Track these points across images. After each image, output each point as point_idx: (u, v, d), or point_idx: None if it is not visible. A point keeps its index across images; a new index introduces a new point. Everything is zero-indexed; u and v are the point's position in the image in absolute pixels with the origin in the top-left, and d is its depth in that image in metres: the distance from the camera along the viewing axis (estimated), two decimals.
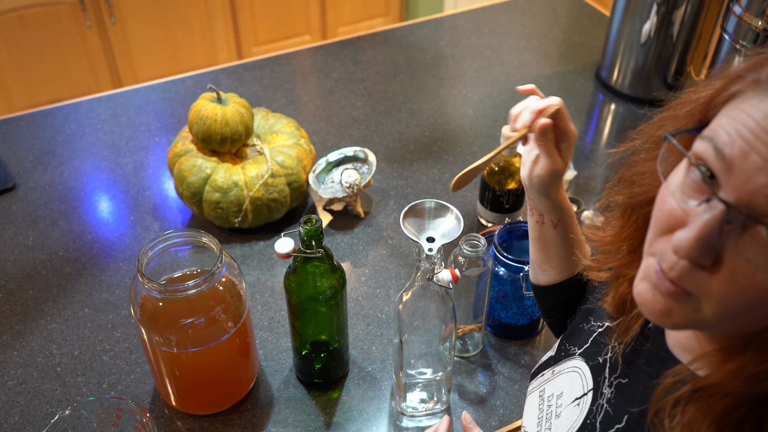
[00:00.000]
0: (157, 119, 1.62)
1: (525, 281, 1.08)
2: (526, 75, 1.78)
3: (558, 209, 0.87)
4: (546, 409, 0.81)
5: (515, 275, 1.10)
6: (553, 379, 0.83)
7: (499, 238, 1.12)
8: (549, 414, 0.80)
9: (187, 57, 2.92)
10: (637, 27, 1.59)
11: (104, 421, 0.93)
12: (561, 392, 0.80)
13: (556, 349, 0.87)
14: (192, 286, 0.92)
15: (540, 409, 0.83)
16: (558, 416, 0.78)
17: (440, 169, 1.49)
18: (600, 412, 0.72)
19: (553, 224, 0.88)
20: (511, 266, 1.09)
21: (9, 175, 1.45)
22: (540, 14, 2.01)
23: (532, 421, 0.83)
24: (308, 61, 1.83)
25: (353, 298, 1.23)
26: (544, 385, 0.84)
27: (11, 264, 1.28)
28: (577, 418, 0.75)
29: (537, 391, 0.85)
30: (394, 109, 1.66)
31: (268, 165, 1.29)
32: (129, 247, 1.32)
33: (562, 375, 0.81)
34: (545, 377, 0.85)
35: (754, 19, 1.33)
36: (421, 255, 0.89)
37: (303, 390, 1.10)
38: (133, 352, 1.14)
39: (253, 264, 1.29)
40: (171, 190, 1.43)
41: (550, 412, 0.80)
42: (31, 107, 2.36)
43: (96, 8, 2.63)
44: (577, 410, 0.76)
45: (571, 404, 0.77)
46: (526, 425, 0.84)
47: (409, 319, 0.95)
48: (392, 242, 1.33)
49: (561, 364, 0.83)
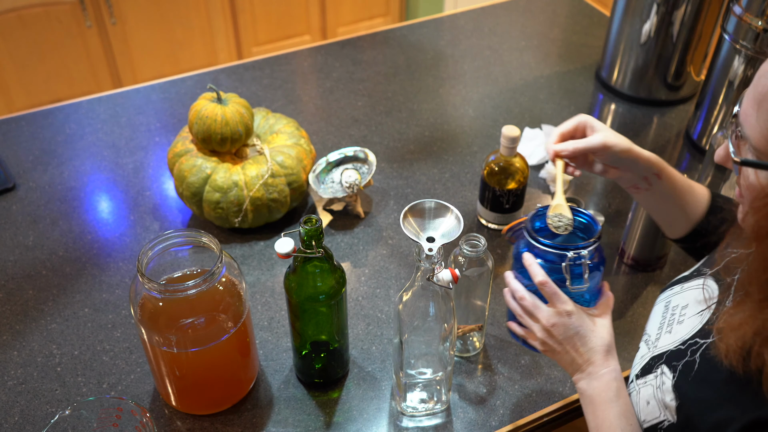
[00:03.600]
0: (157, 119, 1.62)
1: (570, 273, 0.89)
2: (526, 75, 1.78)
3: (650, 162, 0.96)
4: (669, 317, 0.87)
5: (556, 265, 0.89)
6: (682, 293, 0.89)
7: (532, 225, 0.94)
8: (672, 320, 0.87)
9: (187, 57, 2.92)
10: (637, 27, 1.59)
11: (104, 421, 0.93)
12: (687, 304, 0.86)
13: (691, 270, 0.93)
14: (192, 286, 0.92)
15: (663, 316, 0.89)
16: (680, 323, 0.85)
17: (440, 169, 1.49)
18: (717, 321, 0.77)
19: (658, 176, 0.97)
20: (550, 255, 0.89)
21: (9, 175, 1.45)
22: (540, 14, 2.01)
23: (654, 326, 0.90)
24: (308, 61, 1.83)
25: (353, 298, 1.23)
26: (671, 297, 0.90)
27: (11, 264, 1.28)
28: (698, 324, 0.82)
29: (663, 303, 0.91)
30: (394, 109, 1.66)
31: (268, 165, 1.29)
32: (129, 247, 1.32)
33: (691, 290, 0.88)
34: (674, 291, 0.91)
35: (754, 19, 1.33)
36: (421, 255, 0.89)
37: (303, 390, 1.10)
38: (133, 352, 1.14)
39: (253, 264, 1.29)
40: (171, 190, 1.43)
41: (673, 319, 0.87)
42: (31, 107, 2.36)
43: (96, 8, 2.63)
44: (699, 318, 0.82)
45: (695, 315, 0.83)
46: (648, 330, 0.91)
47: (409, 319, 0.95)
48: (392, 242, 1.33)
49: (691, 281, 0.89)
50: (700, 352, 0.78)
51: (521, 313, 0.92)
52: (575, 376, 0.89)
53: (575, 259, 0.87)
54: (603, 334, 0.88)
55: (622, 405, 0.85)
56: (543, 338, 0.90)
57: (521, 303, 0.91)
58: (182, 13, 2.80)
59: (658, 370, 0.83)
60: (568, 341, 0.88)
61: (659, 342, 0.86)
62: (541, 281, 0.88)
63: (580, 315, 0.88)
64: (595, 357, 0.87)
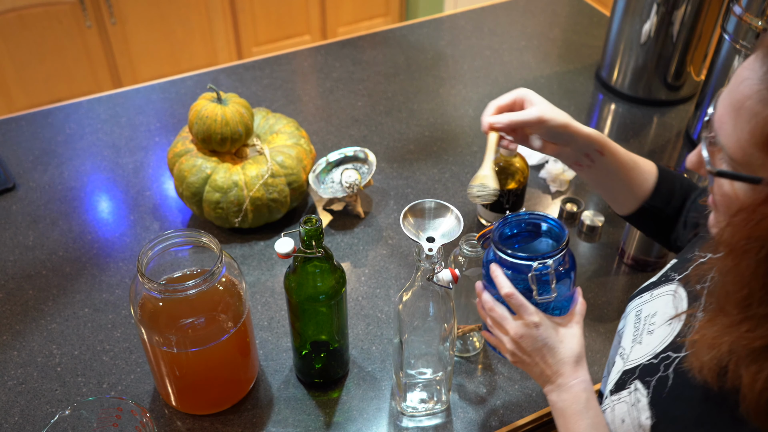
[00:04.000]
0: (157, 119, 1.62)
1: (536, 283, 0.85)
2: (526, 75, 1.78)
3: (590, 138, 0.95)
4: (641, 327, 0.86)
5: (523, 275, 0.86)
6: (651, 301, 0.87)
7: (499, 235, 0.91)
8: (642, 330, 0.85)
9: (187, 57, 2.92)
10: (637, 27, 1.59)
11: (104, 421, 0.93)
12: (655, 312, 0.85)
13: (658, 276, 0.91)
14: (192, 286, 0.92)
15: (636, 327, 0.87)
16: (651, 333, 0.83)
17: (440, 169, 1.49)
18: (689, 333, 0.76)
19: (600, 152, 0.96)
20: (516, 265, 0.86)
21: (9, 175, 1.45)
22: (540, 14, 2.01)
23: (628, 339, 0.88)
24: (308, 61, 1.83)
25: (353, 298, 1.23)
26: (641, 306, 0.89)
27: (11, 264, 1.28)
28: (668, 335, 0.80)
29: (634, 312, 0.89)
30: (394, 109, 1.66)
31: (268, 165, 1.29)
32: (129, 247, 1.32)
33: (660, 298, 0.86)
34: (643, 299, 0.89)
35: (754, 19, 1.33)
36: (421, 255, 0.89)
37: (303, 390, 1.10)
38: (133, 352, 1.14)
39: (253, 264, 1.29)
40: (171, 190, 1.43)
41: (644, 329, 0.85)
42: (31, 107, 2.36)
43: (96, 8, 2.63)
44: (669, 329, 0.81)
45: (664, 324, 0.82)
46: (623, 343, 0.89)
47: (409, 319, 0.95)
48: (392, 242, 1.33)
49: (660, 287, 0.88)
50: (674, 367, 0.76)
51: (491, 324, 0.90)
52: (545, 388, 0.87)
53: (541, 269, 0.84)
54: (572, 345, 0.85)
55: (593, 416, 0.82)
56: (512, 350, 0.88)
57: (490, 314, 0.89)
58: (182, 13, 2.80)
59: (632, 385, 0.81)
60: (537, 353, 0.86)
61: (631, 354, 0.84)
62: (507, 293, 0.85)
63: (547, 326, 0.85)
64: (563, 368, 0.85)
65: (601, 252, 1.32)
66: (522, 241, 0.93)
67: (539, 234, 0.92)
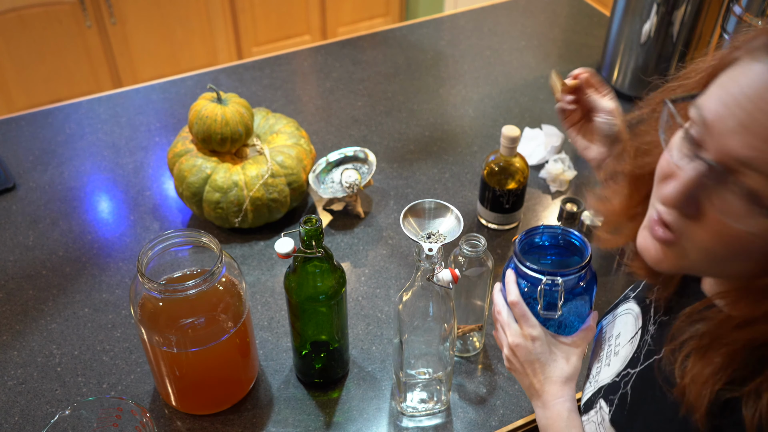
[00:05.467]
0: (157, 119, 1.62)
1: (543, 298, 0.85)
2: (526, 75, 1.78)
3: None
4: (607, 349, 0.88)
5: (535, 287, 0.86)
6: (614, 321, 0.90)
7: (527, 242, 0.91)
8: (609, 353, 0.87)
9: (187, 57, 2.92)
10: (637, 27, 1.59)
11: (104, 421, 0.93)
12: (619, 333, 0.87)
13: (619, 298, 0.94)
14: (192, 286, 0.92)
15: (604, 348, 0.90)
16: (617, 354, 0.85)
17: (440, 169, 1.49)
18: (644, 347, 0.78)
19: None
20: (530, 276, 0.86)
21: (9, 175, 1.45)
22: (540, 14, 2.01)
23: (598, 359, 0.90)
24: (308, 61, 1.83)
25: (353, 298, 1.23)
26: (606, 328, 0.91)
27: (11, 264, 1.28)
28: (629, 353, 0.82)
29: (601, 335, 0.92)
30: (394, 109, 1.66)
31: (268, 165, 1.29)
32: (129, 247, 1.32)
33: (620, 317, 0.89)
34: (607, 320, 0.92)
35: (754, 19, 1.33)
36: (421, 255, 0.89)
37: (303, 390, 1.10)
38: (133, 352, 1.14)
39: (253, 264, 1.29)
40: (171, 190, 1.43)
41: (610, 350, 0.87)
42: (31, 107, 2.36)
43: (96, 8, 2.63)
44: (630, 347, 0.82)
45: (627, 343, 0.84)
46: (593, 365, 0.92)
47: (409, 319, 0.95)
48: (392, 242, 1.33)
49: (619, 307, 0.91)
50: (631, 384, 0.77)
51: (497, 326, 0.91)
52: (532, 401, 0.87)
53: (550, 285, 0.84)
54: (563, 366, 0.85)
55: None
56: (507, 356, 0.88)
57: (497, 316, 0.90)
58: (182, 14, 2.80)
59: (597, 405, 0.82)
60: (529, 365, 0.86)
61: (600, 376, 0.85)
62: (512, 301, 0.86)
63: (544, 342, 0.85)
64: (550, 387, 0.85)
65: (601, 252, 1.32)
66: (557, 254, 0.92)
67: (574, 252, 0.91)
